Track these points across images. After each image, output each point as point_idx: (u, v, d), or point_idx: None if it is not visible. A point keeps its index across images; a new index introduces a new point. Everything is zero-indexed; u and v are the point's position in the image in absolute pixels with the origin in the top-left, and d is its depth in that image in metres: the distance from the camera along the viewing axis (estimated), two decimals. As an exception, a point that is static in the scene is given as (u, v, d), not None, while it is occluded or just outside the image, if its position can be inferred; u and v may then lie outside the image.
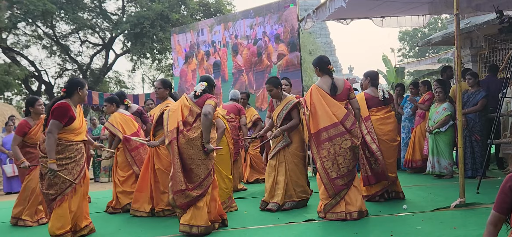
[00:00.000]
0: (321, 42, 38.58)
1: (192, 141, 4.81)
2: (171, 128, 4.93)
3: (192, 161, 4.81)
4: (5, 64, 20.75)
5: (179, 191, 4.76)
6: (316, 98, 5.30)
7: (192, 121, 4.92)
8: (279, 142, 6.01)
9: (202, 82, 5.09)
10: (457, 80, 5.54)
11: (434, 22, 37.55)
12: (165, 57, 24.46)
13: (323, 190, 5.25)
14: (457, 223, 4.70)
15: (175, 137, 4.85)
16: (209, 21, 13.34)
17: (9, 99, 23.43)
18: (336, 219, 5.11)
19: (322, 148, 5.20)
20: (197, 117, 4.92)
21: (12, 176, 10.47)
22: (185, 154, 4.82)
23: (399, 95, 9.60)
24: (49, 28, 22.73)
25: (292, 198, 5.96)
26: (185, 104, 5.04)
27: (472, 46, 11.44)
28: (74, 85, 4.94)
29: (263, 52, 11.24)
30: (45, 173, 4.72)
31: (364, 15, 9.53)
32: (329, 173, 5.16)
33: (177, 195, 4.77)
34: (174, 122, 4.95)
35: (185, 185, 4.76)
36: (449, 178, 7.76)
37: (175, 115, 4.99)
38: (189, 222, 4.74)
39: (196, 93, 5.03)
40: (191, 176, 4.82)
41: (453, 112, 7.73)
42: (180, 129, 4.85)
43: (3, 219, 6.66)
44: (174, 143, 4.84)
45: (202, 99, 5.00)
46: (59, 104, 4.76)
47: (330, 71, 5.44)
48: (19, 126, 6.05)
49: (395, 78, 21.12)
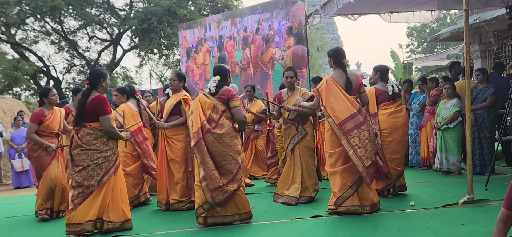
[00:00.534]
0: (329, 38, 38.43)
1: (220, 138, 4.88)
2: (195, 129, 4.95)
3: (222, 157, 4.89)
4: (14, 60, 20.88)
5: (217, 189, 4.82)
6: (333, 90, 5.25)
7: (217, 118, 4.95)
8: (294, 136, 6.08)
9: (214, 77, 5.09)
10: (466, 76, 5.50)
11: (442, 18, 37.28)
12: (172, 52, 24.50)
13: (338, 183, 5.17)
14: (465, 220, 4.68)
15: (201, 137, 4.88)
16: (217, 17, 13.33)
17: (18, 95, 23.55)
18: (350, 212, 5.11)
19: (352, 136, 5.12)
20: (222, 113, 4.98)
21: (21, 171, 10.56)
22: (214, 152, 4.88)
23: (407, 91, 9.55)
24: (58, 24, 22.82)
25: (308, 192, 6.06)
26: (205, 101, 5.03)
27: (481, 42, 11.36)
28: (97, 76, 5.01)
29: (271, 45, 11.23)
30: (89, 165, 4.78)
31: (372, 11, 9.48)
32: (364, 161, 5.10)
33: (215, 192, 4.82)
34: (197, 122, 4.96)
35: (222, 181, 4.83)
36: (457, 175, 7.72)
37: (196, 115, 5.00)
38: (232, 212, 4.97)
39: (211, 90, 5.05)
40: (224, 172, 4.89)
41: (461, 108, 7.68)
42: (206, 128, 4.89)
43: (16, 213, 6.72)
44: (202, 143, 4.87)
45: (225, 95, 5.04)
46: (103, 98, 4.92)
47: (344, 65, 5.38)
48: (35, 114, 6.07)
49: (403, 74, 20.97)
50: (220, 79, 5.07)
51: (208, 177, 4.82)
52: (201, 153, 4.87)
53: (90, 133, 4.84)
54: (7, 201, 8.45)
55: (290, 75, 6.25)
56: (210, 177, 4.82)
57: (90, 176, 4.79)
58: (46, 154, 6.05)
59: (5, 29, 20.71)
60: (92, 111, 4.85)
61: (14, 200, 8.47)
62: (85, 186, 4.78)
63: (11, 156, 10.81)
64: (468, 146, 5.53)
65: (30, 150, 6.17)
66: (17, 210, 6.98)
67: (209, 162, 4.84)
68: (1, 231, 5.63)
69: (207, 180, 4.82)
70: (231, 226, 4.98)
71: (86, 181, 4.78)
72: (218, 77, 5.07)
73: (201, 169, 4.86)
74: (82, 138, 4.83)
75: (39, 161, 6.05)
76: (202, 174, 4.84)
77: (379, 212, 5.29)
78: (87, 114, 4.86)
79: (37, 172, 6.13)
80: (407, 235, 4.27)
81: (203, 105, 5.03)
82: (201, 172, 4.86)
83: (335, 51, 5.45)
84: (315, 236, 4.47)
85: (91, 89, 4.97)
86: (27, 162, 10.49)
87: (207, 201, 4.85)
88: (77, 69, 24.94)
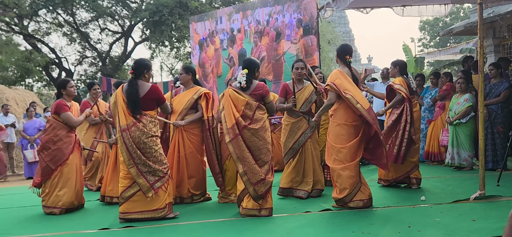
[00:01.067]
0: (340, 31, 38.19)
1: (257, 133, 5.01)
2: (229, 125, 5.05)
3: (260, 151, 5.02)
4: (26, 51, 21.05)
5: (260, 182, 4.95)
6: (348, 80, 5.23)
7: (251, 115, 5.05)
8: (306, 130, 5.97)
9: (242, 71, 5.13)
10: (480, 71, 5.44)
11: (456, 12, 36.86)
12: (183, 45, 24.53)
13: (347, 178, 5.10)
14: (477, 216, 4.64)
15: (238, 134, 4.99)
16: (228, 9, 13.31)
17: (30, 86, 23.76)
18: (360, 207, 5.14)
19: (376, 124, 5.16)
20: (256, 109, 5.08)
21: (33, 161, 10.65)
22: (253, 146, 5.01)
23: (419, 85, 9.48)
24: (70, 16, 22.95)
25: (320, 184, 6.08)
26: (237, 97, 5.10)
27: (494, 36, 11.22)
28: (141, 67, 5.17)
29: (282, 37, 11.20)
30: (156, 150, 5.08)
31: (384, 4, 9.38)
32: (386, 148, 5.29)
33: (257, 185, 4.95)
34: (231, 119, 5.05)
35: (262, 174, 4.96)
36: (469, 170, 7.66)
37: (229, 112, 5.09)
38: (260, 206, 5.02)
39: (242, 85, 5.10)
40: (261, 164, 5.03)
41: (474, 103, 7.61)
42: (242, 125, 5.00)
43: (28, 203, 6.80)
44: (239, 139, 4.99)
45: (259, 91, 5.13)
46: (158, 88, 5.27)
47: (347, 61, 5.37)
48: (60, 105, 5.90)
49: (414, 68, 20.80)
50: (247, 72, 5.11)
51: (249, 172, 4.96)
52: (239, 149, 4.98)
53: (151, 121, 5.11)
54: (19, 191, 8.55)
55: (301, 66, 6.05)
56: (251, 171, 4.95)
57: (160, 161, 5.10)
58: (66, 146, 5.89)
59: (18, 21, 20.87)
60: (151, 100, 5.14)
61: (26, 190, 8.55)
62: (161, 170, 5.08)
63: (23, 146, 10.91)
64: (481, 142, 5.47)
65: (49, 142, 5.87)
66: (28, 200, 7.04)
67: (249, 157, 4.97)
68: (13, 220, 5.69)
69: (248, 175, 4.96)
70: (237, 219, 5.02)
71: (160, 165, 5.08)
72: (245, 70, 5.12)
73: (239, 164, 5.00)
74: (145, 126, 5.05)
75: (58, 153, 5.84)
76: (243, 168, 4.98)
77: (389, 207, 5.27)
78: (146, 104, 5.10)
79: (55, 163, 5.84)
80: (417, 230, 4.24)
81: (235, 101, 5.10)
82: (240, 167, 4.99)
83: (340, 48, 5.47)
84: (325, 230, 4.46)
85: (136, 79, 5.14)
86: (39, 152, 10.59)
87: (249, 194, 5.01)
88: (88, 61, 25.10)
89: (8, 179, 10.89)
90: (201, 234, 4.55)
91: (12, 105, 13.22)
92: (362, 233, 4.23)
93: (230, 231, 4.58)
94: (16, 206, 6.68)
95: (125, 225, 4.96)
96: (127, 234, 4.70)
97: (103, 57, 24.36)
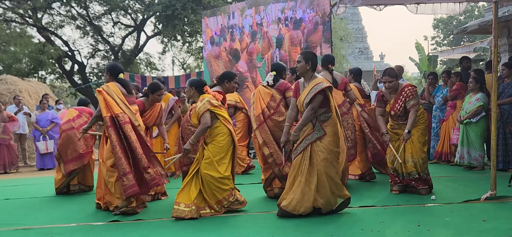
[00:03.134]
0: (353, 28, 37.89)
1: (279, 124, 5.59)
2: (257, 113, 5.75)
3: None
4: (40, 43, 21.19)
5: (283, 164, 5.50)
6: None
7: (275, 106, 5.70)
8: (308, 135, 4.88)
9: (271, 73, 5.87)
10: (494, 70, 5.38)
11: (470, 10, 36.50)
12: (195, 40, 24.54)
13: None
14: (487, 216, 4.60)
15: (263, 121, 5.68)
16: (240, 4, 13.27)
17: (43, 78, 23.92)
18: None
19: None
20: (280, 102, 5.72)
21: (45, 153, 10.76)
22: (274, 135, 5.61)
23: (431, 84, 9.41)
24: (83, 9, 23.06)
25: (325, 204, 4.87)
26: (264, 91, 5.82)
27: (509, 36, 11.10)
28: (223, 77, 5.70)
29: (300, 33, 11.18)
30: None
31: (398, 1, 9.30)
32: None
33: (282, 166, 5.53)
34: (258, 108, 5.76)
35: (284, 161, 5.45)
36: (480, 170, 7.60)
37: (257, 103, 5.80)
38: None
39: (268, 83, 5.82)
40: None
41: (486, 103, 7.53)
42: (267, 115, 5.68)
43: (40, 194, 6.88)
44: (264, 126, 5.66)
45: (282, 86, 5.79)
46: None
47: (329, 69, 6.37)
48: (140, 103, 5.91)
49: (427, 66, 20.65)
50: (276, 74, 5.84)
51: (275, 153, 5.55)
52: (264, 134, 5.63)
53: None
54: (31, 182, 8.66)
55: (297, 59, 5.07)
56: (276, 153, 5.54)
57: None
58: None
59: (31, 13, 21.02)
60: None
61: (38, 181, 8.66)
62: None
63: (35, 138, 11.02)
64: (493, 141, 5.42)
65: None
66: (40, 191, 7.13)
67: (274, 143, 5.57)
68: (25, 210, 5.77)
69: (274, 156, 5.55)
70: (230, 215, 5.04)
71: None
72: (274, 72, 5.85)
73: (265, 148, 5.60)
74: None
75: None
76: (269, 150, 5.58)
77: (399, 205, 5.25)
78: None
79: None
80: (427, 229, 4.22)
81: (262, 94, 5.82)
82: (266, 150, 5.59)
83: (323, 58, 6.60)
84: (334, 227, 4.46)
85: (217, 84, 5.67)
86: (51, 144, 10.69)
87: (273, 172, 5.63)
88: (101, 54, 25.19)
89: (20, 170, 11.02)
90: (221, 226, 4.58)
91: (25, 97, 13.36)
92: (371, 231, 4.22)
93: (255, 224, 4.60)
94: (27, 197, 6.75)
95: (134, 218, 5.00)
96: (134, 227, 4.73)
97: (116, 50, 24.46)
